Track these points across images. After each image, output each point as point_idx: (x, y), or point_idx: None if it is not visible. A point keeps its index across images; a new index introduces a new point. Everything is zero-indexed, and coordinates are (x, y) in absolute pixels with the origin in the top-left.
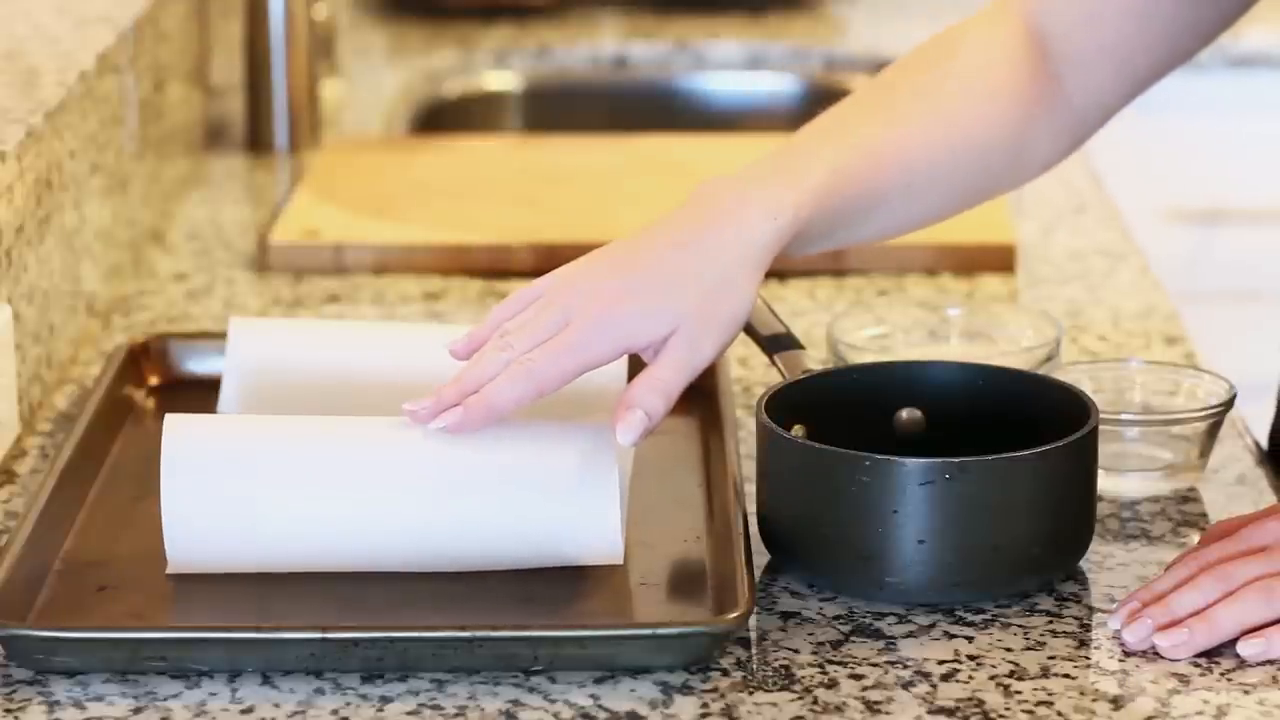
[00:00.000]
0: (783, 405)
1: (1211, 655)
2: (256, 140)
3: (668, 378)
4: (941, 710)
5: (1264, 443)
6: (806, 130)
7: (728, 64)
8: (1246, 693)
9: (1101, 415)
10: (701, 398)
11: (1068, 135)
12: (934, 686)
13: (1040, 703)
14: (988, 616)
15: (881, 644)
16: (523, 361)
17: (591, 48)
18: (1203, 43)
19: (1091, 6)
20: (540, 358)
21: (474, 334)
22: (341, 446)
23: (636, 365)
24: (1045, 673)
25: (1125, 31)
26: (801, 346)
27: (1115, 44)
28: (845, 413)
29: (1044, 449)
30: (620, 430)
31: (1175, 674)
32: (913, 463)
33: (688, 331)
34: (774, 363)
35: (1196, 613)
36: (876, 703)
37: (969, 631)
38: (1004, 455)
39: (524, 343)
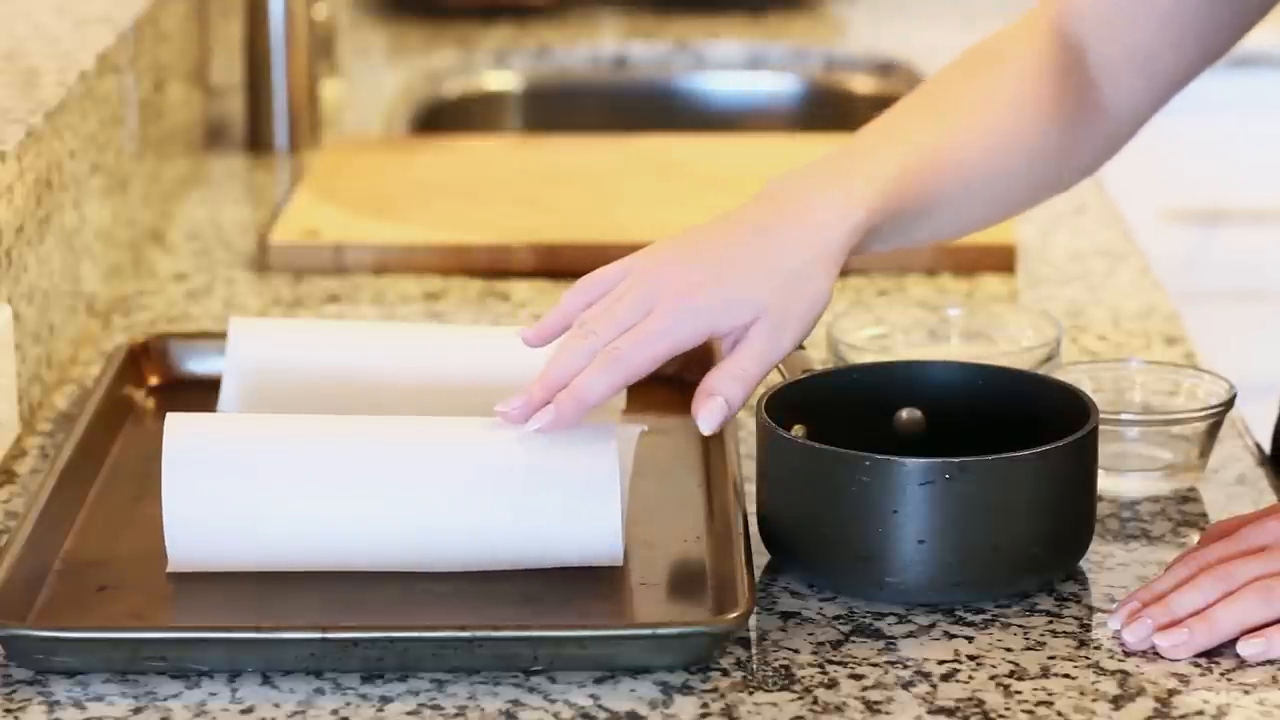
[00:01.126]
0: (783, 405)
1: (1211, 655)
2: (256, 140)
3: (747, 367)
4: (941, 710)
5: (1265, 444)
6: (866, 133)
7: (728, 64)
8: (1246, 693)
9: (1101, 415)
10: None
11: (1105, 141)
12: (934, 686)
13: (1040, 703)
14: (988, 616)
15: (881, 644)
16: (609, 351)
17: (591, 48)
18: (1227, 43)
19: (1115, 13)
20: (626, 345)
21: (547, 323)
22: (342, 446)
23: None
24: (1045, 673)
25: (1150, 34)
26: (802, 346)
27: (1140, 48)
28: (845, 413)
29: (1044, 449)
30: (702, 418)
31: (1175, 674)
32: (913, 463)
33: (769, 322)
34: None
35: (1196, 613)
36: (876, 703)
37: (969, 631)
38: (1004, 455)
39: (607, 331)
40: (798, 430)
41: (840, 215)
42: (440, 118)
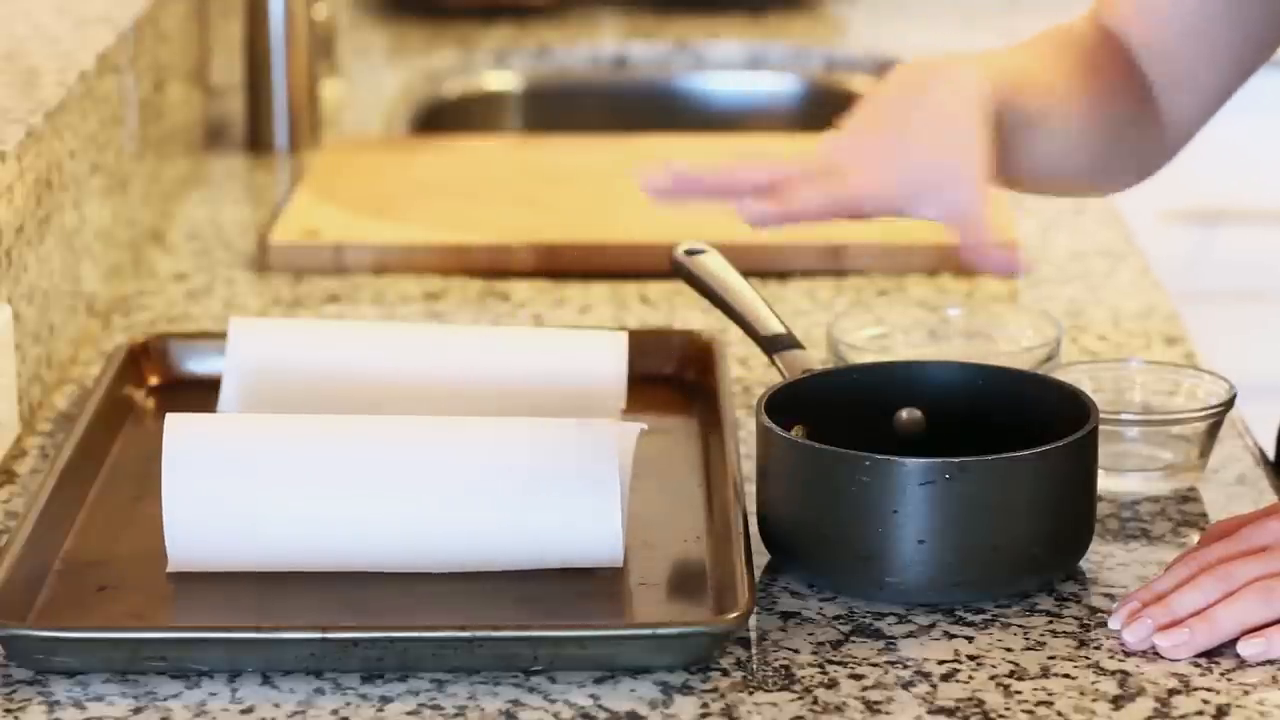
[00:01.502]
0: (783, 405)
1: (1211, 655)
2: (256, 140)
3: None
4: (941, 710)
5: (1265, 447)
6: (972, 54)
7: (728, 64)
8: (1246, 693)
9: (1101, 415)
10: (701, 398)
11: (1159, 150)
12: (934, 686)
13: (1040, 703)
14: (988, 616)
15: (881, 644)
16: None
17: (591, 48)
18: (1262, 56)
19: (1152, 32)
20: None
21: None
22: (342, 446)
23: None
24: (1045, 673)
25: (1186, 52)
26: (801, 346)
27: (1181, 65)
28: (845, 413)
29: (1044, 449)
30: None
31: (1175, 674)
32: (913, 463)
33: (952, 183)
34: (774, 363)
35: (1197, 613)
36: (876, 703)
37: (969, 631)
38: (1004, 455)
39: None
40: (798, 430)
41: (980, 80)
42: (440, 118)
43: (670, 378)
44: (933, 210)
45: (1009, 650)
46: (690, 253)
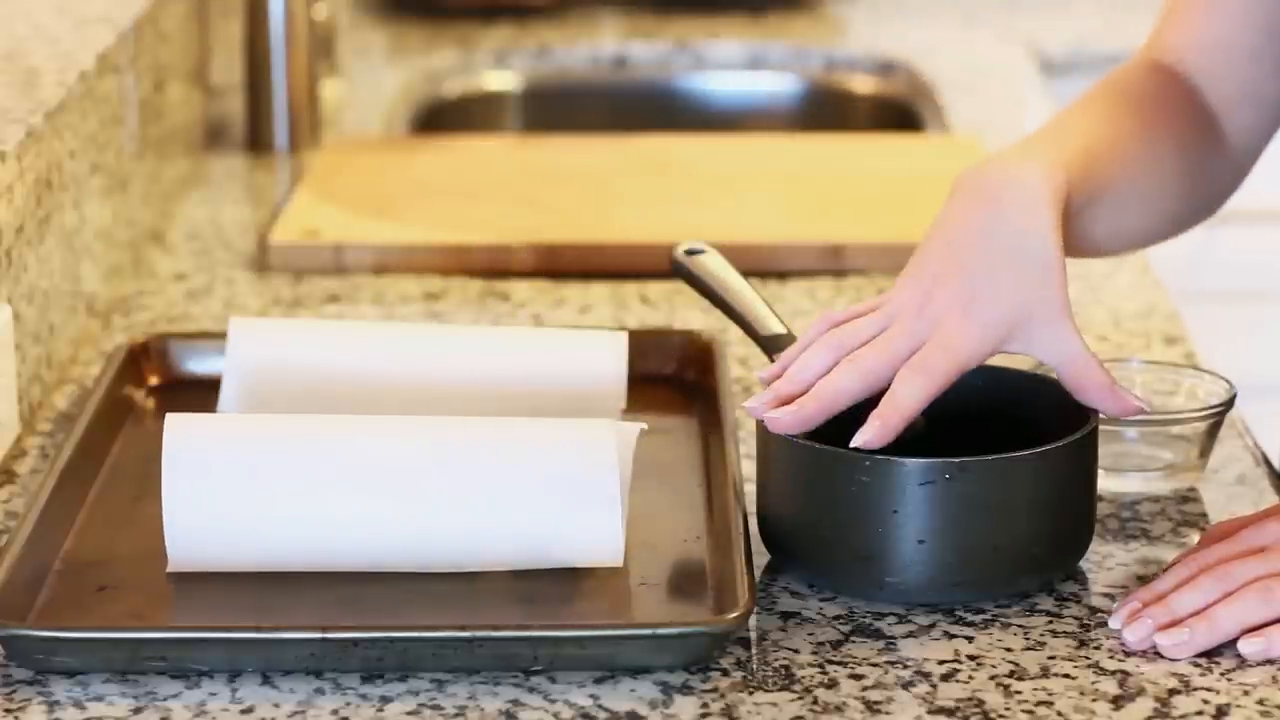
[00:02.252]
0: None
1: (1211, 655)
2: (256, 140)
3: (1066, 352)
4: (941, 710)
5: (1268, 447)
6: (1033, 134)
7: (728, 64)
8: (1246, 693)
9: (1101, 415)
10: (701, 398)
11: (1232, 173)
12: (934, 686)
13: (1040, 703)
14: (988, 616)
15: (881, 644)
16: (916, 360)
17: (591, 48)
18: None
19: (1213, 56)
20: (932, 352)
21: (791, 353)
22: (342, 446)
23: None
24: (1045, 673)
25: (1249, 71)
26: None
27: (1246, 84)
28: (845, 413)
29: (1044, 449)
30: (1113, 409)
31: (1175, 674)
32: (912, 463)
33: (1042, 315)
34: (774, 363)
35: (1197, 612)
36: (876, 703)
37: (969, 631)
38: (1004, 455)
39: (879, 363)
40: None
41: (1046, 177)
42: (440, 118)
43: (670, 378)
44: (1026, 348)
45: (1009, 650)
46: (690, 253)
